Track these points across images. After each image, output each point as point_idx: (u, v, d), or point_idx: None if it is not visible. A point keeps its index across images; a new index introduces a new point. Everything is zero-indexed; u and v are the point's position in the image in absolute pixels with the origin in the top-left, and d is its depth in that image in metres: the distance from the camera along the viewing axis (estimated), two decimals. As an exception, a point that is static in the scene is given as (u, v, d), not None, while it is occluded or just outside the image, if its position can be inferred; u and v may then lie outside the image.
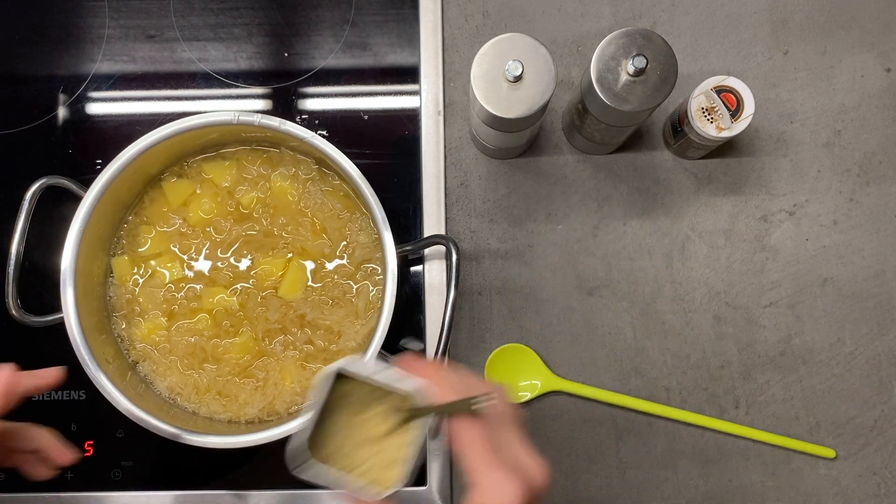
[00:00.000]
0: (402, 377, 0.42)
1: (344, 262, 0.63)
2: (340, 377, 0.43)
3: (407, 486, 0.64)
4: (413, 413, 0.42)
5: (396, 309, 0.57)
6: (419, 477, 0.65)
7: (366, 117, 0.69)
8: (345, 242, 0.63)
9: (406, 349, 0.56)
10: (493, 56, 0.54)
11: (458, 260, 0.57)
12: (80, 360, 0.57)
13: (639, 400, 0.66)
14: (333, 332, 0.62)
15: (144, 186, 0.64)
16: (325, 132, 0.69)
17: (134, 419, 0.56)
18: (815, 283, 0.67)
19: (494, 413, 0.42)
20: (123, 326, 0.63)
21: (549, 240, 0.68)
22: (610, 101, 0.54)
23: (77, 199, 0.58)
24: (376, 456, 0.43)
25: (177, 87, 0.70)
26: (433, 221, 0.67)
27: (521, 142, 0.64)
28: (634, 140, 0.69)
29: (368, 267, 0.63)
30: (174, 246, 0.63)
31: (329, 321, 0.62)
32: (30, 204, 0.59)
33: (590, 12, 0.70)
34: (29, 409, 0.65)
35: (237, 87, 0.70)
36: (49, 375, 0.50)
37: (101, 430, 0.65)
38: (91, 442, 0.65)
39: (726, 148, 0.68)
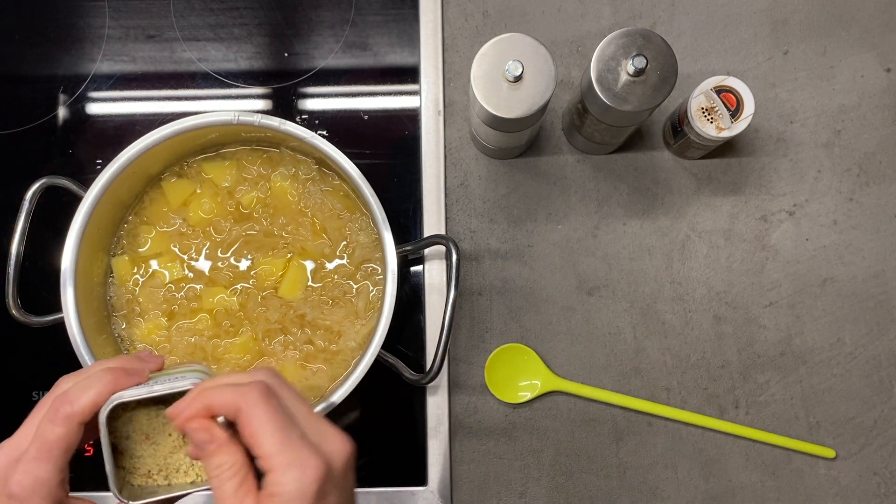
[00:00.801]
0: (179, 379, 0.42)
1: (344, 262, 0.63)
2: (127, 409, 0.44)
3: (407, 485, 0.65)
4: None
5: (396, 309, 0.57)
6: (419, 477, 0.65)
7: (366, 117, 0.69)
8: (345, 242, 0.63)
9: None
10: (493, 56, 0.54)
11: (458, 260, 0.57)
12: (80, 360, 0.56)
13: (639, 400, 0.66)
14: (333, 332, 0.62)
15: (144, 186, 0.64)
16: (325, 132, 0.69)
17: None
18: (815, 283, 0.67)
19: (282, 392, 0.39)
20: (123, 326, 0.63)
21: (549, 240, 0.68)
22: (610, 101, 0.54)
23: (77, 199, 0.58)
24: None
25: (177, 87, 0.70)
26: (433, 221, 0.67)
27: (521, 142, 0.64)
28: (634, 140, 0.69)
29: (368, 267, 0.63)
30: (174, 246, 0.63)
31: (329, 321, 0.62)
32: (30, 204, 0.59)
33: (590, 12, 0.70)
34: (29, 408, 0.65)
35: (237, 87, 0.70)
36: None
37: (101, 430, 0.65)
38: (91, 442, 0.65)
39: (726, 148, 0.68)
